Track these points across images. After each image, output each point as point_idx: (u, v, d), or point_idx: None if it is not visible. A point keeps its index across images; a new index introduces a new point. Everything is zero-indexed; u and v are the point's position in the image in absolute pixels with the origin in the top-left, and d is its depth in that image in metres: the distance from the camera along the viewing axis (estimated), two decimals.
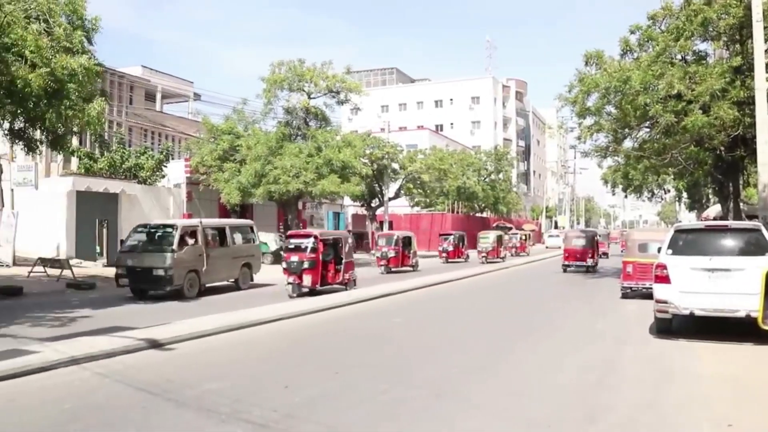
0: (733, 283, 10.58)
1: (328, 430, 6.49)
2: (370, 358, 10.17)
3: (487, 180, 65.67)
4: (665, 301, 11.20)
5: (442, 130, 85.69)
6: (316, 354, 10.60)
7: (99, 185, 30.00)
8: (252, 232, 22.70)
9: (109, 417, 6.93)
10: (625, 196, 52.27)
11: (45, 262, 21.92)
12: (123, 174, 33.45)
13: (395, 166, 45.02)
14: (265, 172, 30.96)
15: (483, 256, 37.27)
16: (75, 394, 7.77)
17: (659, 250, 12.27)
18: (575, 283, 24.81)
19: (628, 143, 28.41)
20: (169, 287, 17.87)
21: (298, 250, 18.33)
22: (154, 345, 10.50)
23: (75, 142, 30.51)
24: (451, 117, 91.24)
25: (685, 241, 11.69)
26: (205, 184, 33.46)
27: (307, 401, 7.41)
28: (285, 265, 18.34)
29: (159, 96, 52.35)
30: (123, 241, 20.39)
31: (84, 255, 27.96)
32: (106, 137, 35.12)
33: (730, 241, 11.58)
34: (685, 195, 58.35)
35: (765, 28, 19.35)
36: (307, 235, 19.21)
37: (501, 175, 68.04)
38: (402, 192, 48.26)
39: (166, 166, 35.51)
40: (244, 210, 38.44)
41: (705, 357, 10.06)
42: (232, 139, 32.92)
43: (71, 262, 22.11)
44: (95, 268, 25.91)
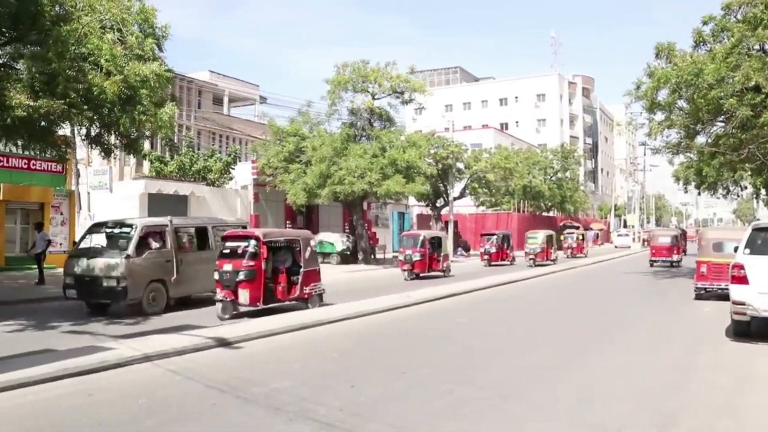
0: None
1: (394, 430, 6.49)
2: (435, 358, 10.13)
3: (553, 178, 64.69)
4: (742, 303, 10.80)
5: (507, 129, 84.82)
6: (381, 354, 10.62)
7: (169, 187, 30.90)
8: None
9: (181, 413, 7.12)
10: (698, 194, 50.54)
11: None
12: (192, 176, 34.36)
13: (460, 165, 44.73)
14: (330, 173, 31.20)
15: (531, 259, 34.22)
16: (148, 390, 8.00)
17: (735, 249, 11.82)
18: (645, 284, 24.13)
19: (701, 139, 27.48)
20: (124, 301, 14.38)
21: (233, 256, 14.19)
22: (223, 343, 10.72)
23: (146, 146, 31.49)
24: (516, 115, 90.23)
25: (764, 240, 11.24)
26: (272, 185, 33.97)
27: (373, 400, 7.43)
28: (216, 276, 14.11)
29: (226, 100, 53.54)
30: (76, 243, 17.42)
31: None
32: (175, 141, 36.08)
33: None
34: (763, 192, 55.88)
35: None
36: (246, 236, 14.73)
37: (568, 174, 66.91)
38: (467, 191, 47.93)
39: (234, 169, 36.29)
40: (310, 211, 38.96)
41: None
42: (297, 141, 33.30)
43: None
44: None
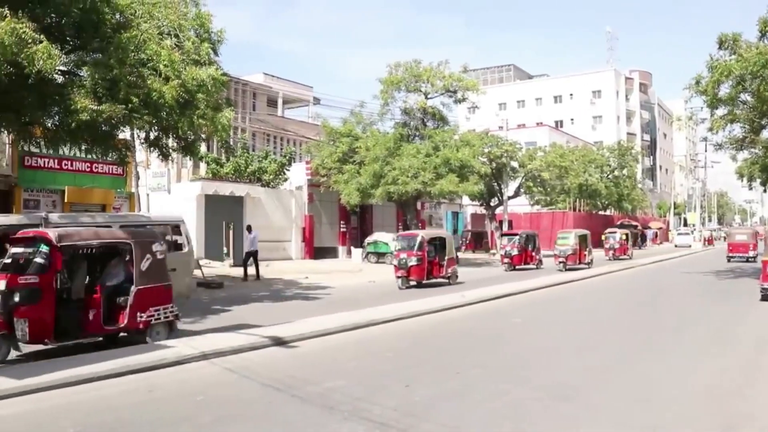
0: None
1: (448, 430, 6.46)
2: (488, 358, 10.05)
3: (610, 176, 63.42)
4: None
5: (561, 127, 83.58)
6: (434, 353, 10.60)
7: (225, 189, 31.46)
8: (179, 233, 16.16)
9: (238, 410, 7.25)
10: (764, 191, 48.77)
11: None
12: (247, 177, 34.91)
13: (514, 164, 44.27)
14: (383, 173, 31.27)
15: (560, 262, 29.88)
16: (206, 388, 8.16)
17: None
18: (706, 284, 23.45)
19: (766, 133, 26.53)
20: None
21: (12, 268, 9.63)
22: (279, 342, 10.86)
23: (203, 148, 32.12)
24: (571, 112, 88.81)
25: None
26: (326, 185, 34.25)
27: (427, 401, 7.42)
28: None
29: (280, 101, 54.13)
30: None
31: (212, 256, 29.36)
32: (231, 143, 36.73)
33: None
34: None
35: None
36: (35, 239, 10.02)
37: (625, 171, 65.50)
38: (521, 190, 47.40)
39: (289, 170, 36.72)
40: (364, 211, 39.15)
41: None
42: (350, 141, 33.47)
43: (201, 263, 23.21)
44: (223, 268, 27.15)
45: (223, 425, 6.71)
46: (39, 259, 9.54)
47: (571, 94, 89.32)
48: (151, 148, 17.60)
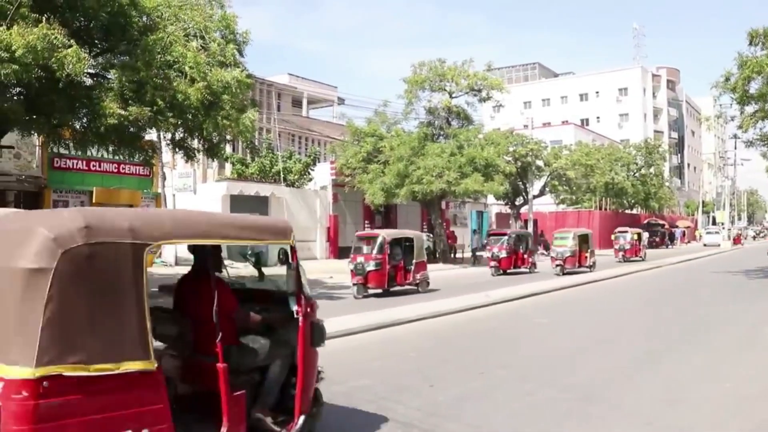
0: None
1: (474, 429, 6.46)
2: (512, 358, 10.02)
3: (636, 175, 62.74)
4: None
5: (587, 125, 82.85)
6: (458, 353, 10.58)
7: (250, 189, 31.69)
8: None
9: None
10: None
11: None
12: (272, 178, 35.12)
13: (539, 163, 43.97)
14: (408, 173, 31.26)
15: (558, 265, 27.18)
16: None
17: None
18: (736, 285, 23.11)
19: None
20: None
21: None
22: None
23: (228, 149, 32.40)
24: (597, 110, 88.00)
25: None
26: (350, 185, 34.33)
27: (451, 401, 7.42)
28: None
29: (305, 102, 54.42)
30: None
31: (235, 257, 29.55)
32: (256, 143, 37.02)
33: None
34: None
35: None
36: None
37: (652, 170, 64.73)
38: (547, 189, 47.10)
39: (313, 170, 36.88)
40: (389, 210, 39.17)
41: None
42: (375, 141, 33.50)
43: (225, 263, 23.33)
44: (246, 269, 27.24)
45: None
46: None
47: (597, 92, 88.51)
48: (177, 149, 17.83)
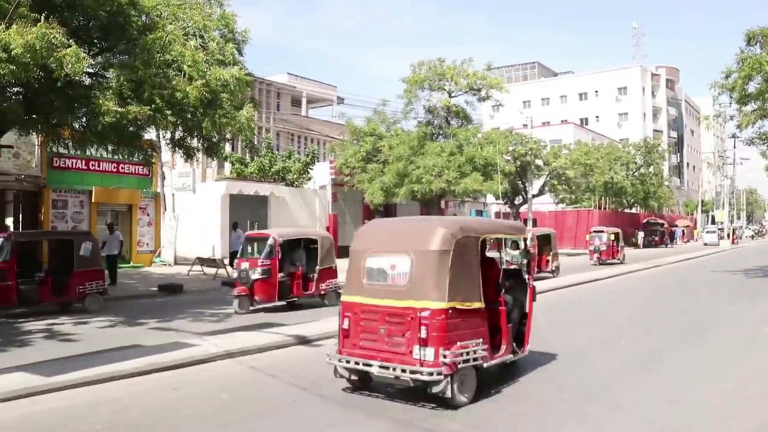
0: None
1: (475, 429, 6.45)
2: None
3: (636, 174, 62.69)
4: None
5: (587, 124, 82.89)
6: None
7: (250, 188, 31.65)
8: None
9: (262, 408, 7.31)
10: None
11: (202, 262, 23.23)
12: (272, 177, 35.08)
13: (539, 162, 43.94)
14: (407, 172, 31.26)
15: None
16: (231, 386, 8.24)
17: None
18: (736, 284, 23.08)
19: None
20: None
21: None
22: (303, 341, 10.91)
23: (228, 148, 32.38)
24: (596, 110, 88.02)
25: None
26: (350, 185, 34.32)
27: None
28: None
29: (304, 101, 54.43)
30: None
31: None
32: (255, 143, 37.01)
33: None
34: None
35: None
36: None
37: (651, 169, 64.70)
38: (546, 189, 47.08)
39: (312, 169, 36.85)
40: (388, 210, 39.10)
41: None
42: (374, 141, 33.50)
43: (225, 262, 23.40)
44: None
45: (247, 423, 6.77)
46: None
47: (596, 92, 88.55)
48: (176, 149, 17.79)
